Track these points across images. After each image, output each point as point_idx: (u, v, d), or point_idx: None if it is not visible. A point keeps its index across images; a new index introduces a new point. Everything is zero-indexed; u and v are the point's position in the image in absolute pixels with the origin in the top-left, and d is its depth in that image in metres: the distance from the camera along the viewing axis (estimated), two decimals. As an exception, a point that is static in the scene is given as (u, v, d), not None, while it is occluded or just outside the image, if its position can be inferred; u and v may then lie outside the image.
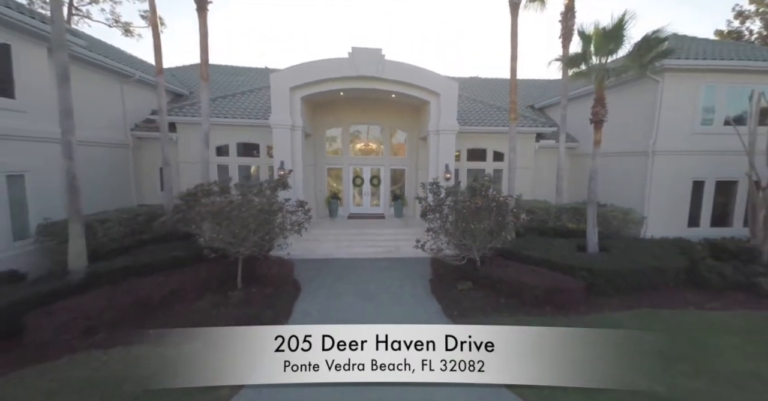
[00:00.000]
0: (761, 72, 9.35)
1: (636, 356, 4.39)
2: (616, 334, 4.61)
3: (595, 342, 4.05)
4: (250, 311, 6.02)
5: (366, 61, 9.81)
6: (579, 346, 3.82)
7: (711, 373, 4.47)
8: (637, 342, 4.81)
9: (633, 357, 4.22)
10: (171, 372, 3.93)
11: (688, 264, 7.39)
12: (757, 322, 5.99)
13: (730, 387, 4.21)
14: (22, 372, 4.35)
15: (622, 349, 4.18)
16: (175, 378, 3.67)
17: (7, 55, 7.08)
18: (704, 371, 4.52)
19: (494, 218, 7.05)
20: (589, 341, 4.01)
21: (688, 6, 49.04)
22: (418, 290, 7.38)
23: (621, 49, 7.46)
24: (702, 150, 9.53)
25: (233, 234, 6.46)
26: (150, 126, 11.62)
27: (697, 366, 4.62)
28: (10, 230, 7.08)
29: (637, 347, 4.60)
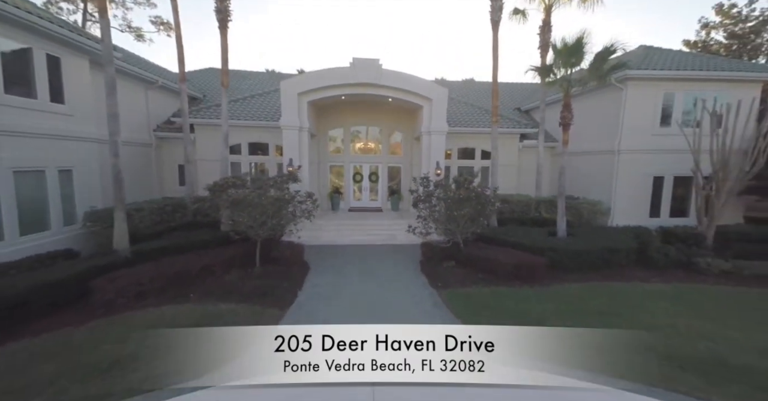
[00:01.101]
0: (713, 80, 10.62)
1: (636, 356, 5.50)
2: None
3: (598, 342, 4.39)
4: (269, 282, 7.25)
5: (365, 70, 11.03)
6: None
7: (635, 324, 5.73)
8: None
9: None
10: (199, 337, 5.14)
11: (639, 247, 8.67)
12: (687, 291, 7.27)
13: (642, 323, 5.49)
14: (96, 322, 5.59)
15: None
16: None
17: (58, 67, 8.28)
18: (630, 322, 5.78)
19: (474, 206, 8.30)
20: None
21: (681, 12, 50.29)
22: (409, 269, 8.63)
23: (583, 63, 8.71)
24: (661, 149, 10.79)
25: (254, 219, 7.69)
26: (170, 127, 12.83)
27: (626, 320, 5.89)
28: (62, 216, 8.30)
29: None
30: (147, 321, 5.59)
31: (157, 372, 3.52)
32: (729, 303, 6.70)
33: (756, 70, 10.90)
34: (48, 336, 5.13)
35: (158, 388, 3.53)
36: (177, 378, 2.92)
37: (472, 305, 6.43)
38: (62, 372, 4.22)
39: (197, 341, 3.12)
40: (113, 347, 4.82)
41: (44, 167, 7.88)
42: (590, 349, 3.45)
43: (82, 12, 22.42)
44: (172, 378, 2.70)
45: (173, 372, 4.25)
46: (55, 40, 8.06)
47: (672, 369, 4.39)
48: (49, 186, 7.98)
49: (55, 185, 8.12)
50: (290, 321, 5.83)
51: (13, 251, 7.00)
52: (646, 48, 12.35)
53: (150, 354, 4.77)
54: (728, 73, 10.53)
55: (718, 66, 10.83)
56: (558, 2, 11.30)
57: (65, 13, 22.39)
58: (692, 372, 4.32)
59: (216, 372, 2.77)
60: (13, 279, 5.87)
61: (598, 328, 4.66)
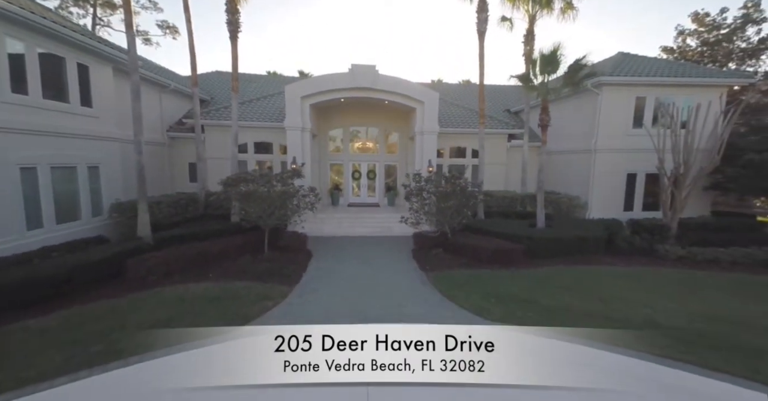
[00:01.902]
0: (680, 86, 11.62)
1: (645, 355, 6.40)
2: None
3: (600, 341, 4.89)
4: (277, 265, 8.22)
5: (363, 75, 11.99)
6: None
7: (590, 297, 6.73)
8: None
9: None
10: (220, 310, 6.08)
11: (608, 236, 9.68)
12: (644, 273, 8.28)
13: (599, 303, 6.47)
14: (133, 295, 6.56)
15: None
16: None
17: (86, 74, 9.23)
18: (587, 296, 6.78)
19: (459, 199, 9.29)
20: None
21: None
22: (402, 255, 9.61)
23: (559, 71, 9.69)
24: (634, 149, 11.78)
25: (263, 209, 8.66)
26: (181, 128, 13.78)
27: (584, 293, 6.88)
28: (90, 208, 9.26)
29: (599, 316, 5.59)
30: (176, 294, 6.57)
31: (164, 340, 4.59)
32: (675, 282, 7.71)
33: (719, 76, 11.91)
34: (95, 304, 6.10)
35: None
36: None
37: (454, 283, 7.41)
38: (112, 329, 5.19)
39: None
40: (151, 312, 5.82)
41: (76, 164, 8.83)
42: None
43: (92, 16, 23.31)
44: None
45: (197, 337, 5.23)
46: (85, 50, 9.01)
47: (625, 328, 5.37)
48: (80, 181, 8.94)
49: (85, 180, 9.09)
50: (296, 295, 6.80)
51: (51, 237, 7.96)
52: (623, 55, 13.35)
53: (180, 317, 5.77)
54: (693, 79, 11.53)
55: (685, 72, 11.83)
56: (540, 13, 12.25)
57: (75, 17, 23.29)
58: (634, 332, 5.30)
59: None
60: (60, 259, 6.85)
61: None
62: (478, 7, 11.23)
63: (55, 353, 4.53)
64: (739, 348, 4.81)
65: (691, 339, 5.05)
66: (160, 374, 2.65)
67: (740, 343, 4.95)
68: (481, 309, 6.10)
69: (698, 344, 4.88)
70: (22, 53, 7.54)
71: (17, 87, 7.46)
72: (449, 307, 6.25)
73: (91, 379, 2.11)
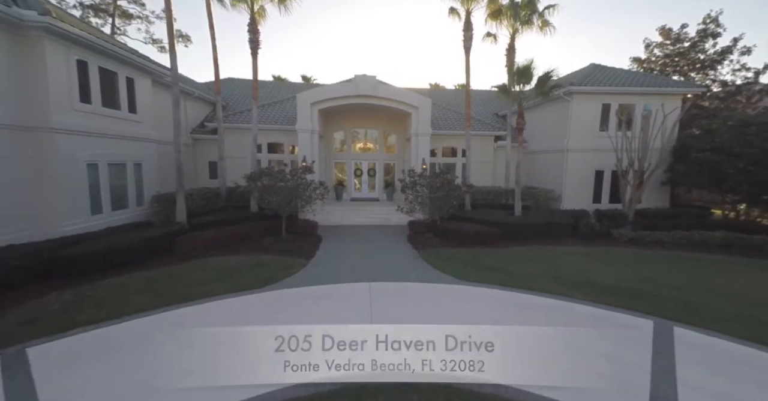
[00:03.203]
0: (640, 94, 13.35)
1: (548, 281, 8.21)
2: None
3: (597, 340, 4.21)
4: (294, 245, 9.90)
5: (364, 84, 13.71)
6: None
7: (547, 266, 8.41)
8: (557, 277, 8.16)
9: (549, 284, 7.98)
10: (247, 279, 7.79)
11: (573, 223, 11.40)
12: (598, 251, 9.99)
13: (552, 270, 8.16)
14: (185, 264, 8.24)
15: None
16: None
17: (132, 85, 10.93)
18: (545, 266, 8.46)
19: (446, 191, 11.01)
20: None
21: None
22: (398, 239, 11.30)
23: (532, 82, 11.42)
24: (601, 149, 13.46)
25: (282, 199, 10.36)
26: (202, 130, 15.48)
27: (543, 264, 8.58)
28: (135, 198, 10.96)
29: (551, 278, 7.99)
30: (218, 263, 8.27)
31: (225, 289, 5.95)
32: (620, 257, 9.44)
33: (673, 85, 13.63)
34: (157, 269, 7.80)
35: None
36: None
37: (441, 258, 9.11)
38: (173, 286, 6.86)
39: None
40: (202, 274, 7.51)
41: (125, 161, 10.53)
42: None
43: (111, 25, 25.01)
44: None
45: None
46: (132, 66, 10.71)
47: (561, 286, 7.04)
48: (128, 176, 10.64)
49: (131, 175, 10.79)
50: (313, 265, 8.47)
51: (109, 221, 9.66)
52: (594, 66, 15.10)
53: (224, 278, 7.42)
54: (651, 88, 13.25)
55: (644, 82, 13.57)
56: (521, 29, 13.97)
57: (95, 26, 24.96)
58: (569, 286, 7.00)
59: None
60: (129, 234, 8.55)
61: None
62: (464, 26, 12.96)
63: (140, 298, 6.22)
64: (645, 296, 6.55)
65: (613, 291, 6.77)
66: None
67: (649, 294, 6.68)
68: (459, 274, 7.80)
69: (618, 294, 6.60)
70: (86, 70, 9.23)
71: (83, 97, 9.15)
72: (434, 273, 7.96)
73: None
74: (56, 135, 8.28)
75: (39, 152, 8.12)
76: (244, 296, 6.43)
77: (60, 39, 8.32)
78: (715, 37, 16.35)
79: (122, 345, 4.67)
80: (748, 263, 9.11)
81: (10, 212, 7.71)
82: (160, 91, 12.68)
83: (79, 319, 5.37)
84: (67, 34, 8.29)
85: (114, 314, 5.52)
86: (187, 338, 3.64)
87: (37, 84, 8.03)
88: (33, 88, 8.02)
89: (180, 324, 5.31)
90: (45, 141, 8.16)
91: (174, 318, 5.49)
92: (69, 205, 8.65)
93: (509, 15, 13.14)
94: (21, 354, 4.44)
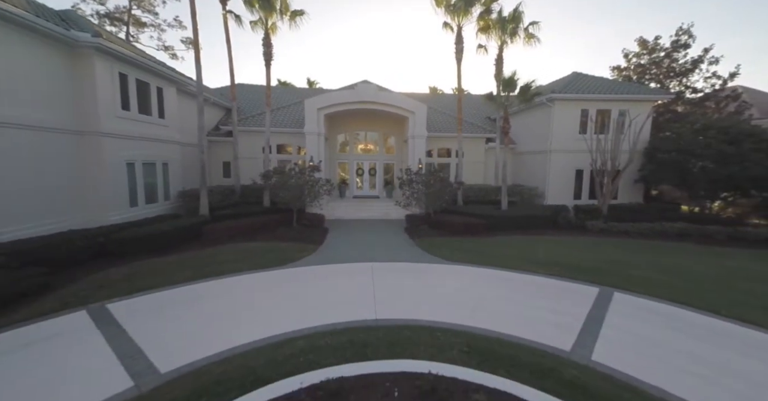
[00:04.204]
0: (614, 100, 14.75)
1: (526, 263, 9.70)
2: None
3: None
4: (305, 233, 11.29)
5: (365, 91, 15.12)
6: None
7: (523, 251, 9.79)
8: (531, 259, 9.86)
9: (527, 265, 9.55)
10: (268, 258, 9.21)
11: (552, 216, 12.79)
12: (571, 240, 11.37)
13: (527, 253, 9.54)
14: (210, 249, 9.63)
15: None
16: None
17: (161, 94, 12.34)
18: (521, 251, 9.83)
19: (438, 187, 12.41)
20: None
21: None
22: (397, 231, 12.69)
23: (516, 91, 12.82)
24: (580, 150, 14.83)
25: (294, 194, 11.76)
26: (217, 133, 16.87)
27: (520, 249, 9.95)
28: (163, 193, 12.36)
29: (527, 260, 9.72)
30: (241, 247, 9.66)
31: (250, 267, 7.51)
32: (589, 244, 10.83)
33: (646, 93, 15.03)
34: (188, 253, 9.17)
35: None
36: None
37: (433, 244, 10.46)
38: (208, 264, 8.25)
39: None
40: (228, 255, 8.90)
41: (155, 161, 11.93)
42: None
43: (125, 33, 26.44)
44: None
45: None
46: (162, 77, 12.12)
47: (532, 265, 8.39)
48: (158, 173, 12.04)
49: (160, 173, 12.19)
50: (323, 249, 9.85)
51: (143, 213, 11.06)
52: (575, 74, 16.51)
53: (248, 258, 8.86)
54: (625, 95, 14.65)
55: (620, 90, 14.97)
56: (508, 43, 15.38)
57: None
58: (539, 266, 8.37)
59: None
60: (164, 223, 9.95)
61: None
62: (456, 39, 14.36)
63: (185, 272, 7.61)
64: (600, 272, 7.94)
65: (574, 269, 8.15)
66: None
67: (603, 270, 8.08)
68: (447, 257, 9.17)
69: (577, 271, 7.98)
70: (126, 81, 10.64)
71: (124, 105, 10.56)
72: (426, 256, 9.32)
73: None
74: (104, 138, 9.69)
75: (90, 152, 9.53)
76: (268, 272, 7.83)
77: (106, 56, 9.73)
78: (686, 48, 17.79)
79: (181, 302, 6.08)
80: (699, 248, 10.50)
81: (68, 203, 9.12)
82: (181, 97, 14.08)
83: (140, 285, 6.77)
84: (113, 51, 9.71)
85: (168, 282, 6.92)
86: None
87: (88, 94, 9.45)
88: (85, 98, 9.43)
89: (222, 290, 6.72)
90: (95, 143, 9.57)
91: (216, 286, 6.89)
92: (113, 198, 10.05)
93: (497, 29, 14.54)
94: (103, 309, 5.83)
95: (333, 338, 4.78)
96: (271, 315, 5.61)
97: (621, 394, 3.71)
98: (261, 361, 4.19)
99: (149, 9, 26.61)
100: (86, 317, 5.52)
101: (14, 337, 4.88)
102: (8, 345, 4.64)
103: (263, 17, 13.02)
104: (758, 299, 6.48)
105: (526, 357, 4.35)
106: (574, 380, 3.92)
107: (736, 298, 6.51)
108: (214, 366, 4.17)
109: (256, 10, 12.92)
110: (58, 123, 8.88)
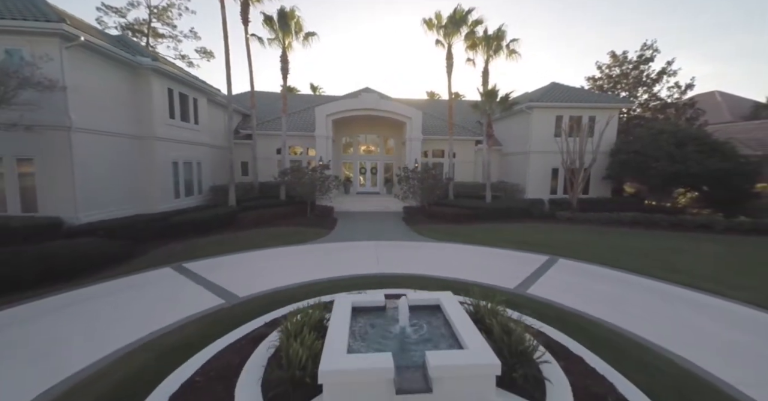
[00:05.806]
0: (584, 108, 16.95)
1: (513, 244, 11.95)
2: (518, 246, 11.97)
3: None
4: (318, 221, 13.48)
5: (368, 99, 17.34)
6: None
7: (500, 234, 11.98)
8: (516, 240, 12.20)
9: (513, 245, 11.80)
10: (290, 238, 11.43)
11: (528, 207, 14.99)
12: (541, 225, 13.56)
13: (503, 235, 11.73)
14: (242, 232, 11.80)
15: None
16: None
17: (196, 104, 14.54)
18: (498, 234, 12.03)
19: (431, 183, 14.61)
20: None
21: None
22: (396, 220, 14.88)
23: (497, 100, 15.03)
24: (556, 151, 17.00)
25: (308, 189, 13.95)
26: (236, 136, 19.07)
27: (497, 233, 12.14)
28: (198, 188, 14.56)
29: (515, 242, 12.03)
30: (268, 231, 11.85)
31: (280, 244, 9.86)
32: (554, 229, 13.01)
33: (612, 101, 17.23)
34: (223, 235, 11.34)
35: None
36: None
37: (426, 230, 12.64)
38: (246, 242, 10.43)
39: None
40: (257, 236, 11.08)
41: (192, 161, 14.13)
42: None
43: (146, 44, 28.65)
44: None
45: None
46: (197, 89, 14.33)
47: (504, 243, 10.57)
48: (193, 171, 14.23)
49: (196, 171, 14.39)
50: (335, 232, 12.03)
51: (184, 204, 13.25)
52: (553, 84, 18.74)
53: (274, 239, 11.18)
54: (594, 103, 16.85)
55: (590, 99, 17.18)
56: (492, 57, 17.59)
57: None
58: (508, 243, 10.55)
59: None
60: (203, 212, 12.13)
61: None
62: (447, 55, 16.58)
63: (230, 247, 9.79)
64: (553, 247, 10.12)
65: (534, 245, 10.33)
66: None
67: (557, 246, 10.27)
68: (437, 238, 11.34)
69: (536, 246, 10.16)
70: (172, 95, 12.83)
71: (170, 114, 12.75)
72: (420, 238, 11.49)
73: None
74: (157, 142, 11.89)
75: (146, 153, 11.72)
76: (295, 246, 10.02)
77: (159, 75, 11.94)
78: (650, 61, 20.05)
79: (238, 263, 8.30)
80: (644, 232, 12.68)
81: (131, 194, 11.32)
82: (214, 107, 16.29)
83: (199, 254, 8.95)
84: (165, 71, 11.91)
85: (220, 252, 9.12)
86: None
87: (145, 106, 11.64)
88: (142, 109, 11.63)
89: (264, 257, 8.91)
90: (150, 146, 11.77)
91: (260, 255, 9.08)
92: (163, 190, 12.25)
93: (483, 45, 16.75)
94: (181, 267, 8.01)
95: (345, 281, 6.97)
96: (301, 270, 7.78)
97: (540, 308, 5.85)
98: (297, 293, 6.36)
99: (168, 22, 28.85)
100: (172, 271, 7.71)
101: (128, 282, 7.06)
102: (125, 285, 6.82)
103: (281, 38, 15.23)
104: (663, 263, 8.67)
105: (480, 290, 6.52)
106: (509, 300, 6.07)
107: (647, 262, 8.70)
108: (270, 294, 6.36)
109: (274, 30, 15.13)
110: (126, 130, 11.09)
